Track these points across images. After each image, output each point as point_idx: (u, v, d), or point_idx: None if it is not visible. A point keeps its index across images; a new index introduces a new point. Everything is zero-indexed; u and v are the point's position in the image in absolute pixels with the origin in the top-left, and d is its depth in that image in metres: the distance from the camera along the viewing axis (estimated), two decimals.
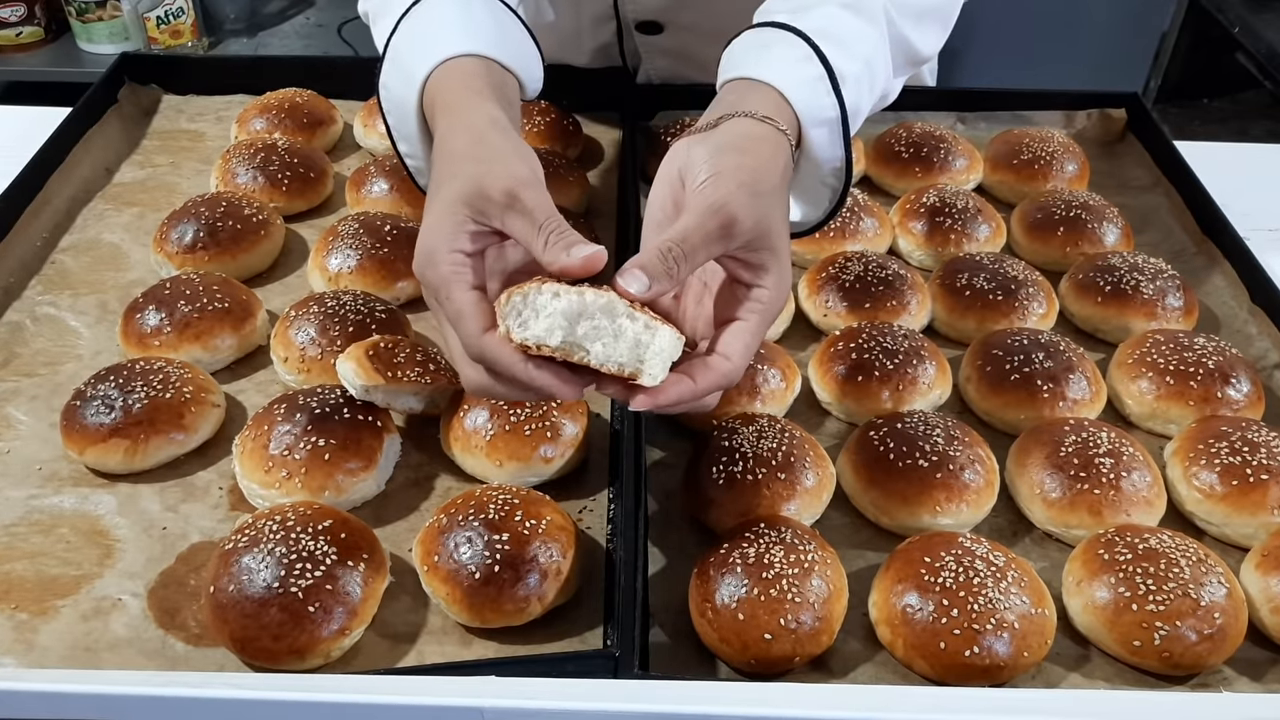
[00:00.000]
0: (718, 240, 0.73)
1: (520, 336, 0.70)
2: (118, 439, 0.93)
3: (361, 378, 0.92)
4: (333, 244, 1.15)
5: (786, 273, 0.78)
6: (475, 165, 0.77)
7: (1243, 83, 3.31)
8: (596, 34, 1.44)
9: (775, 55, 0.87)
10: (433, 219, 0.77)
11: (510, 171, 0.75)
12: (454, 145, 0.81)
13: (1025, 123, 1.48)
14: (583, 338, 0.70)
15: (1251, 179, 1.42)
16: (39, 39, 2.88)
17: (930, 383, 1.03)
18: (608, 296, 0.71)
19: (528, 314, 0.70)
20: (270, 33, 3.03)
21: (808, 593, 0.80)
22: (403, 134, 0.95)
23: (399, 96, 0.92)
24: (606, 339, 0.70)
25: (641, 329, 0.70)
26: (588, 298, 0.70)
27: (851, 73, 0.88)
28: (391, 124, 0.95)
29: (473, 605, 0.81)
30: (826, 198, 0.94)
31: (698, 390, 0.73)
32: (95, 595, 0.85)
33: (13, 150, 1.28)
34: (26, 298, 1.15)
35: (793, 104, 0.84)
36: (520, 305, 0.71)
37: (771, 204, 0.77)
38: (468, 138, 0.80)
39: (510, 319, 0.71)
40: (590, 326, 0.70)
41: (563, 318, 0.70)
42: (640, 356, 0.71)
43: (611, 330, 0.70)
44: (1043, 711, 0.70)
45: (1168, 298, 1.13)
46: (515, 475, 0.93)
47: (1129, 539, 0.85)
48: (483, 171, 0.76)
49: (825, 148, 0.88)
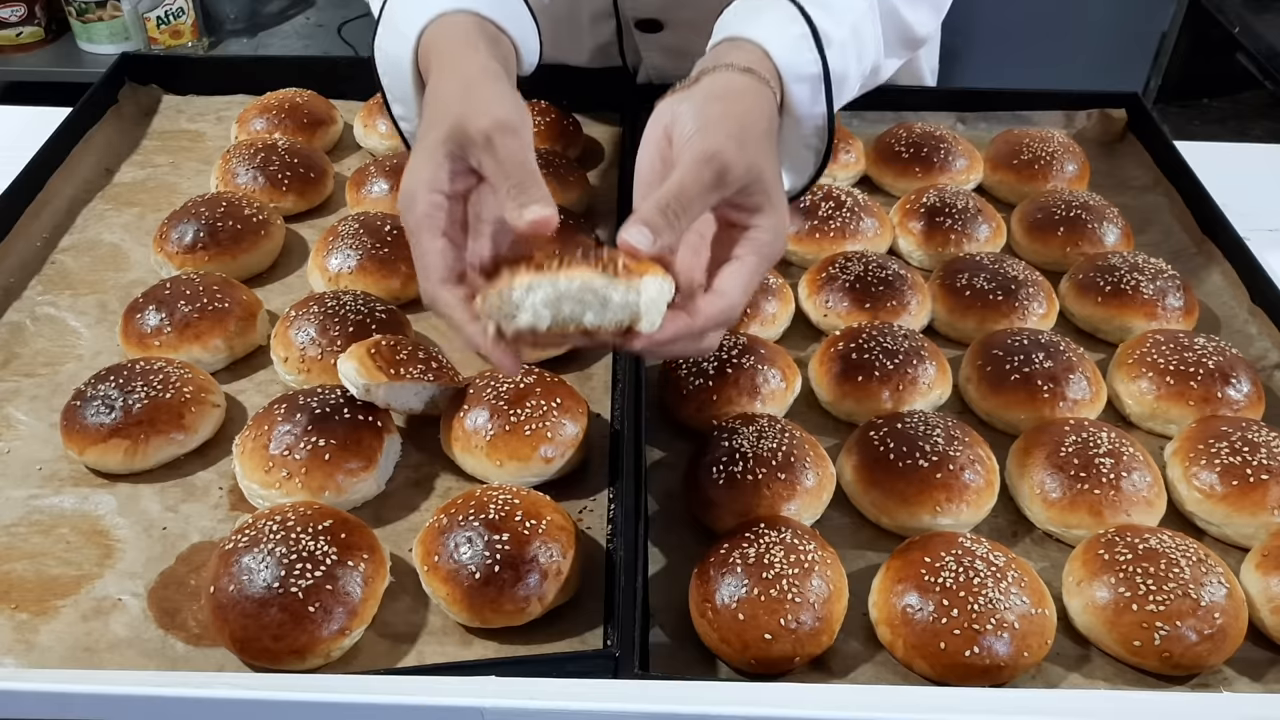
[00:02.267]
0: (712, 189, 0.74)
1: (512, 330, 0.72)
2: (118, 439, 0.93)
3: (364, 376, 0.92)
4: (333, 244, 1.15)
5: (782, 214, 0.78)
6: (460, 107, 0.78)
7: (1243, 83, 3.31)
8: (596, 32, 1.44)
9: (762, 18, 0.88)
10: (415, 161, 0.78)
11: (491, 113, 0.76)
12: (442, 91, 0.82)
13: (1025, 123, 1.48)
14: (571, 314, 0.71)
15: (1251, 179, 1.42)
16: (39, 39, 2.88)
17: (930, 383, 1.03)
18: (580, 277, 0.71)
19: (508, 309, 0.71)
20: (270, 33, 3.03)
21: (808, 593, 0.80)
22: (397, 94, 0.95)
23: (393, 54, 0.92)
24: (595, 309, 0.71)
25: (624, 292, 0.71)
26: (560, 284, 0.71)
27: (837, 37, 0.90)
28: (386, 85, 0.95)
29: (473, 605, 0.81)
30: (810, 162, 0.95)
31: (694, 326, 0.74)
32: (95, 595, 0.85)
33: (13, 150, 1.28)
34: (27, 298, 1.15)
35: (774, 59, 0.86)
36: (497, 303, 0.72)
37: (761, 149, 0.78)
38: (457, 84, 0.81)
39: (496, 318, 0.72)
40: (574, 304, 0.71)
41: (543, 306, 0.71)
42: (634, 312, 0.71)
43: (597, 301, 0.71)
44: (1043, 711, 0.70)
45: (1168, 298, 1.13)
46: (515, 475, 0.93)
47: (1129, 539, 0.85)
48: (465, 112, 0.77)
49: (806, 104, 0.89)
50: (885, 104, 1.45)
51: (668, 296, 0.73)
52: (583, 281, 0.71)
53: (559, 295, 0.71)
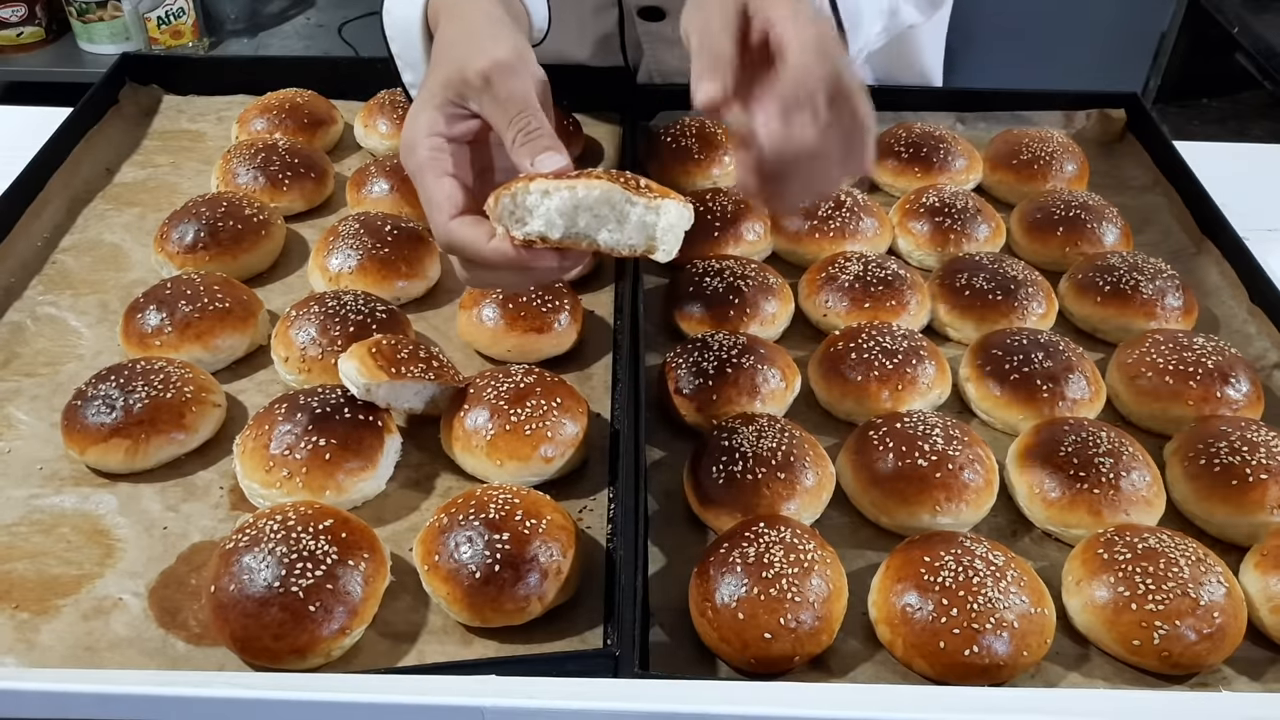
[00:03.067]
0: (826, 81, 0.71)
1: (521, 233, 0.68)
2: (119, 439, 0.93)
3: (365, 375, 0.92)
4: (333, 244, 1.15)
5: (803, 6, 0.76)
6: (459, 50, 0.76)
7: (1242, 83, 3.31)
8: (598, 23, 1.44)
9: None
10: (413, 109, 0.77)
11: (489, 54, 0.74)
12: (444, 40, 0.80)
13: (1025, 123, 1.48)
14: (586, 228, 0.69)
15: (1251, 179, 1.42)
16: (40, 39, 2.89)
17: (930, 383, 1.03)
18: (601, 186, 0.68)
19: (520, 213, 0.68)
20: (270, 33, 3.03)
21: (808, 592, 0.80)
22: (407, 60, 0.94)
23: (402, 16, 0.91)
24: (611, 226, 0.69)
25: (643, 210, 0.68)
26: (579, 192, 0.68)
27: None
28: (395, 51, 0.94)
29: (473, 604, 0.81)
30: None
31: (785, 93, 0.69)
32: (96, 595, 0.85)
33: (13, 150, 1.28)
34: (27, 298, 1.15)
35: None
36: (510, 206, 0.69)
37: None
38: (459, 29, 0.80)
39: (505, 220, 0.69)
40: (591, 217, 0.68)
41: (558, 215, 0.68)
42: (650, 235, 0.68)
43: (614, 216, 0.68)
44: (1042, 711, 0.70)
45: (1167, 298, 1.13)
46: (515, 475, 0.93)
47: (1128, 538, 0.85)
48: (464, 54, 0.75)
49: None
50: (885, 104, 1.44)
51: (686, 225, 0.70)
52: (602, 192, 0.68)
53: (576, 204, 0.68)
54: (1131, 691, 0.81)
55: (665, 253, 0.69)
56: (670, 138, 1.35)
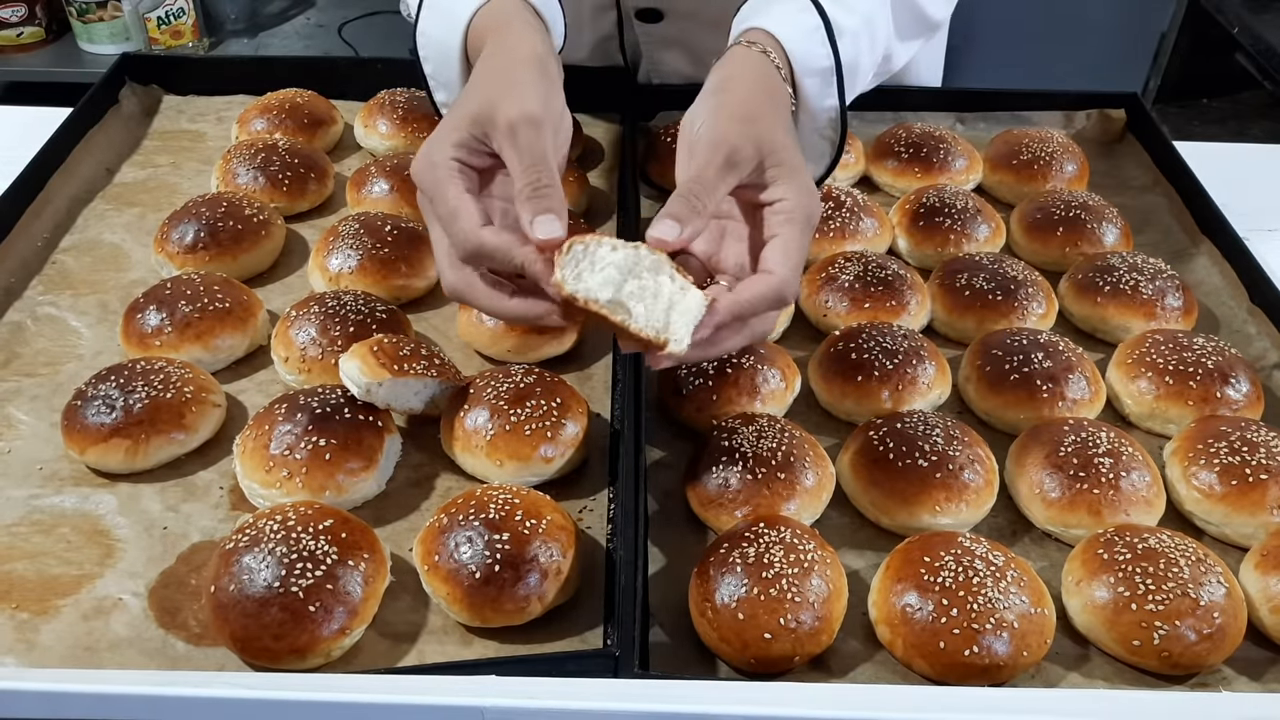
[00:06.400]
0: (729, 171, 0.77)
1: (572, 289, 0.73)
2: (118, 439, 0.93)
3: (366, 374, 0.92)
4: (333, 244, 1.15)
5: (803, 177, 0.80)
6: (494, 89, 0.79)
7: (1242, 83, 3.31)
8: (596, 25, 1.44)
9: (775, 9, 0.90)
10: (441, 131, 0.79)
11: (520, 105, 0.78)
12: (485, 69, 0.83)
13: (1025, 123, 1.48)
14: (628, 296, 0.73)
15: (1251, 179, 1.42)
16: (40, 39, 2.89)
17: (930, 383, 1.03)
18: (657, 254, 0.74)
19: (584, 265, 0.73)
20: (270, 33, 3.03)
21: (807, 592, 0.80)
22: (441, 80, 0.96)
23: (440, 40, 0.93)
24: (648, 299, 0.73)
25: (677, 290, 0.74)
26: (642, 252, 0.74)
27: (849, 26, 0.91)
28: (429, 71, 0.96)
29: (473, 605, 0.81)
30: (826, 151, 0.98)
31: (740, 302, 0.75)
32: (96, 595, 0.85)
33: (13, 150, 1.28)
34: (27, 298, 1.15)
35: (788, 52, 0.88)
36: (581, 255, 0.73)
37: (766, 126, 0.80)
38: (500, 66, 0.83)
39: (569, 268, 0.73)
40: (637, 285, 0.73)
41: (616, 270, 0.73)
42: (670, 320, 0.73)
43: (653, 289, 0.73)
44: (1042, 711, 0.71)
45: (1167, 298, 1.13)
46: (515, 475, 0.93)
47: (1128, 539, 0.85)
48: (497, 95, 0.78)
49: (818, 97, 0.91)
50: (885, 104, 1.45)
51: (699, 318, 0.75)
52: (658, 258, 0.74)
53: (635, 263, 0.73)
54: (1131, 691, 0.81)
55: (677, 343, 0.74)
56: (670, 138, 1.35)
